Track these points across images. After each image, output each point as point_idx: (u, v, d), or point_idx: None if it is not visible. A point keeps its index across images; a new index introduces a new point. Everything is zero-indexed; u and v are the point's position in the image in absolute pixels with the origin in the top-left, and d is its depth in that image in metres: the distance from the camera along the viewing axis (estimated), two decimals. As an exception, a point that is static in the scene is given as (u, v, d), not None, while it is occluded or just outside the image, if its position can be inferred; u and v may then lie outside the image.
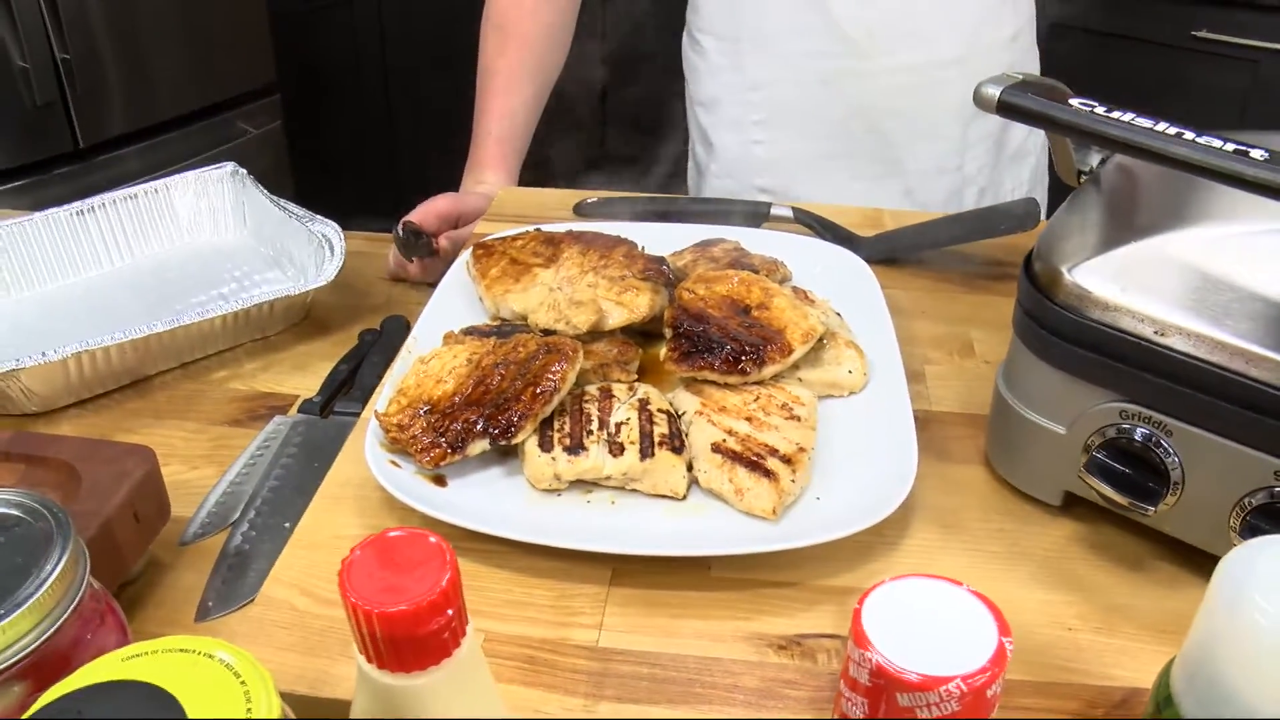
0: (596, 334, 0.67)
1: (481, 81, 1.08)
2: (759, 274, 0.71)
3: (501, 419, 0.58)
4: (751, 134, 1.11)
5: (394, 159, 2.88)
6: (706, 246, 0.78)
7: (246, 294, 0.85)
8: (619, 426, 0.59)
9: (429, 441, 0.58)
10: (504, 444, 0.58)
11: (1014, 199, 0.99)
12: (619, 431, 0.58)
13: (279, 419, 0.73)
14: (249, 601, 0.57)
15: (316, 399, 0.75)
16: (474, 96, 1.09)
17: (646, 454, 0.57)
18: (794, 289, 0.73)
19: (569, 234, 0.77)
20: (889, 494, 0.55)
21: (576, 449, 0.57)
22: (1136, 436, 0.52)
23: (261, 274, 0.91)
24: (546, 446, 0.58)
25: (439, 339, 0.68)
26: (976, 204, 1.11)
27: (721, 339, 0.63)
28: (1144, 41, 2.07)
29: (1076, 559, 0.56)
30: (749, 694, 0.48)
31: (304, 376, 0.79)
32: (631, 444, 0.57)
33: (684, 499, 0.57)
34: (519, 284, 0.72)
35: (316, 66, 2.60)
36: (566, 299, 0.68)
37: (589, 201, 0.93)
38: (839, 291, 0.74)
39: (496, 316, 0.73)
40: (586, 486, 0.58)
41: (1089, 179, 0.62)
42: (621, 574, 0.54)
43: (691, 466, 0.58)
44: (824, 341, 0.66)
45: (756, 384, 0.63)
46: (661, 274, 0.71)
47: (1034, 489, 0.59)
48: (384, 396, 0.63)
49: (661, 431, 0.58)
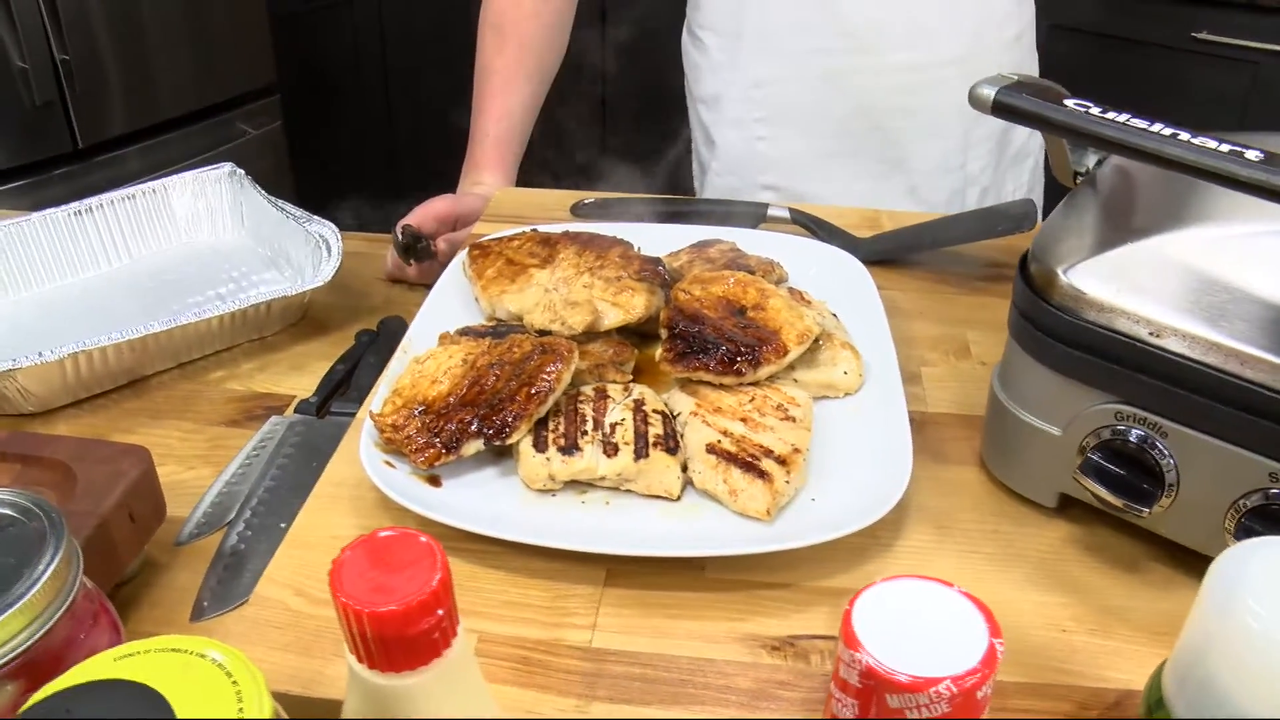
0: (592, 334, 0.67)
1: (479, 82, 1.08)
2: (755, 275, 0.71)
3: (496, 419, 0.58)
4: (754, 131, 1.11)
5: (394, 159, 2.88)
6: (703, 247, 0.78)
7: (244, 294, 0.85)
8: (614, 427, 0.59)
9: (424, 442, 0.58)
10: (498, 444, 0.58)
11: (1015, 200, 0.99)
12: (614, 432, 0.58)
13: (275, 419, 0.73)
14: (244, 602, 0.57)
15: (313, 399, 0.75)
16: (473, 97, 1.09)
17: (641, 454, 0.57)
18: (790, 290, 0.73)
19: (565, 235, 0.77)
20: (884, 495, 0.55)
21: (571, 449, 0.57)
22: (1131, 438, 0.52)
23: (259, 274, 0.91)
24: (541, 447, 0.58)
25: (434, 339, 0.68)
26: (979, 204, 1.11)
27: (717, 340, 0.63)
28: (1144, 43, 2.07)
29: (1071, 561, 0.56)
30: (742, 695, 0.48)
31: (301, 377, 0.79)
32: (626, 444, 0.57)
33: (678, 500, 0.57)
34: (515, 284, 0.72)
35: (316, 66, 2.60)
36: (562, 299, 0.68)
37: (586, 202, 0.93)
38: (835, 292, 0.74)
39: (492, 317, 0.73)
40: (581, 487, 0.58)
41: (1085, 180, 0.62)
42: (616, 575, 0.54)
43: (686, 467, 0.58)
44: (820, 343, 0.66)
45: (752, 385, 0.63)
46: (657, 275, 0.71)
47: (1029, 491, 0.59)
48: (379, 397, 0.63)
49: (656, 432, 0.58)
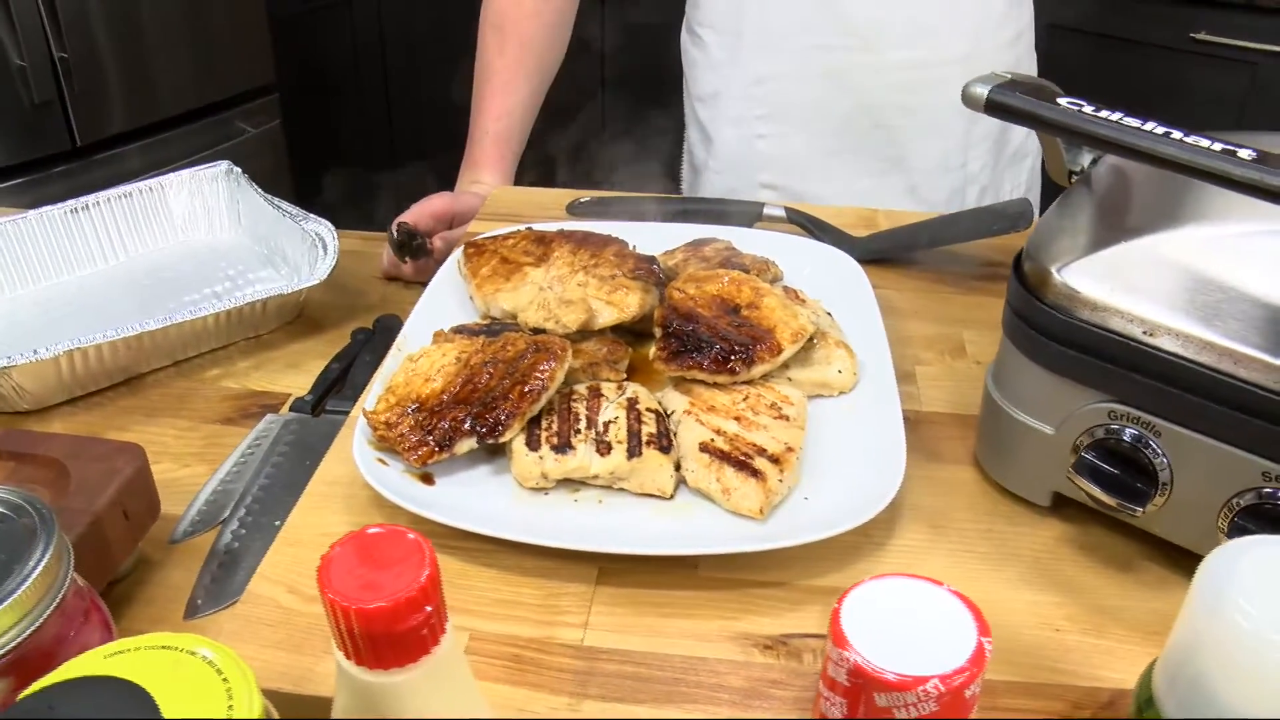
0: (586, 333, 0.67)
1: (479, 81, 1.08)
2: (750, 273, 0.71)
3: (489, 417, 0.58)
4: (755, 129, 1.11)
5: (393, 159, 2.88)
6: (698, 246, 0.78)
7: (240, 292, 0.85)
8: (607, 425, 0.59)
9: (417, 440, 0.58)
10: (491, 442, 0.58)
11: (1012, 199, 0.99)
12: (607, 430, 0.58)
13: (270, 417, 0.73)
14: (238, 599, 0.57)
15: (308, 398, 0.75)
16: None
17: (634, 453, 0.57)
18: (785, 289, 0.73)
19: (560, 233, 0.77)
20: (877, 494, 0.55)
21: (564, 448, 0.57)
22: (1125, 437, 0.52)
23: (255, 272, 0.91)
24: (534, 445, 0.58)
25: (429, 337, 0.68)
26: (978, 203, 1.11)
27: (711, 338, 0.63)
28: (1143, 44, 2.07)
29: (1065, 560, 0.56)
30: (734, 693, 0.48)
31: (297, 375, 0.79)
32: (619, 443, 0.57)
33: (671, 498, 0.57)
34: (509, 283, 0.72)
35: (316, 66, 2.60)
36: (556, 298, 0.68)
37: (582, 201, 0.93)
38: (830, 291, 0.74)
39: (487, 315, 0.73)
40: (574, 485, 0.58)
41: (1080, 179, 0.62)
42: (608, 573, 0.54)
43: (679, 466, 0.58)
44: (814, 341, 0.66)
45: (746, 383, 0.63)
46: (652, 273, 0.71)
47: (1023, 490, 0.59)
48: (373, 395, 0.63)
49: (649, 430, 0.58)
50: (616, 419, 0.59)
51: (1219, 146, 0.47)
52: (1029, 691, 0.48)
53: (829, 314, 0.71)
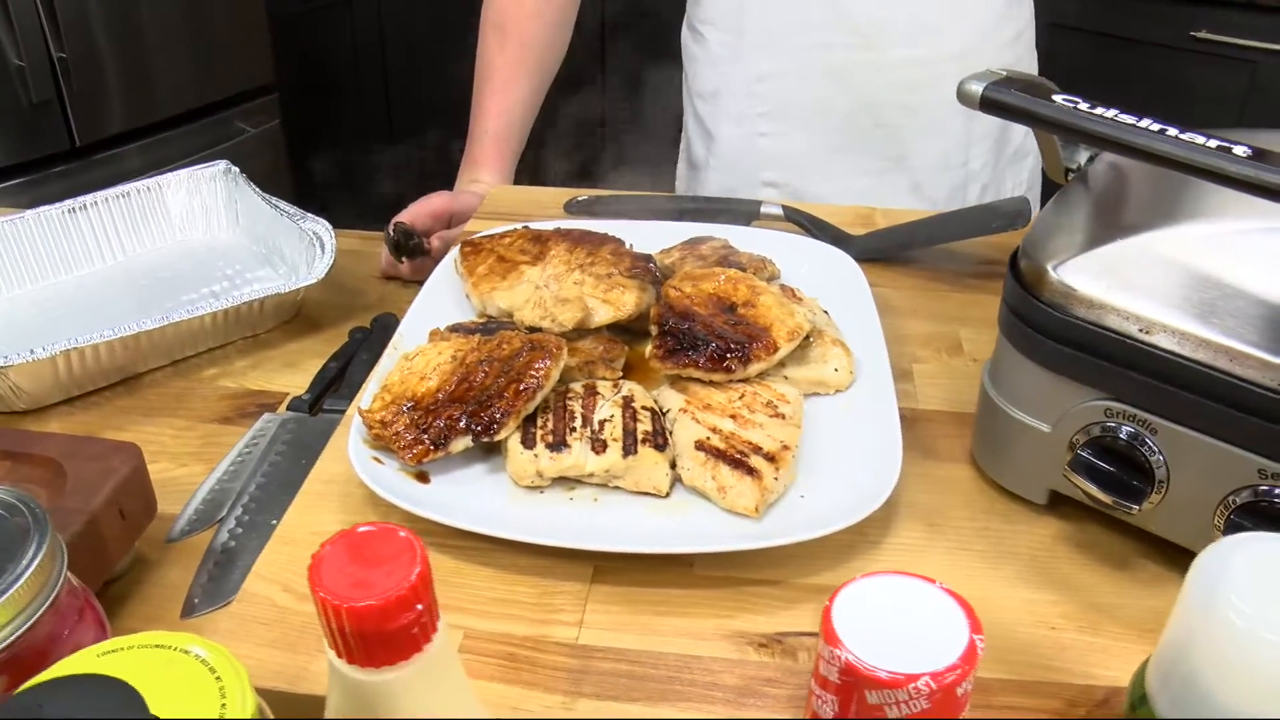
0: (582, 331, 0.67)
1: (479, 80, 1.08)
2: (746, 272, 0.71)
3: (484, 416, 0.58)
4: (756, 126, 1.11)
5: (392, 158, 2.88)
6: (695, 244, 0.78)
7: (238, 292, 0.85)
8: (602, 424, 0.59)
9: (412, 438, 0.57)
10: (487, 441, 0.58)
11: (1011, 197, 0.99)
12: (602, 429, 0.58)
13: (268, 416, 0.73)
14: (235, 598, 0.57)
15: (306, 397, 0.75)
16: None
17: (629, 451, 0.57)
18: (782, 287, 0.73)
19: (557, 231, 0.77)
20: (873, 492, 0.55)
21: (559, 446, 0.57)
22: (1121, 435, 0.51)
23: (253, 272, 0.91)
24: (529, 443, 0.57)
25: (425, 336, 0.68)
26: (979, 201, 1.11)
27: (707, 336, 0.63)
28: (1143, 42, 2.07)
29: (1061, 558, 0.56)
30: (729, 692, 0.48)
31: (294, 374, 0.79)
32: (614, 441, 0.57)
33: (667, 497, 0.57)
34: (506, 281, 0.72)
35: (315, 66, 2.60)
36: (553, 296, 0.68)
37: (579, 199, 0.93)
38: (827, 290, 0.74)
39: (483, 314, 0.73)
40: (569, 484, 0.58)
41: (1076, 177, 0.61)
42: (603, 571, 0.54)
43: (675, 464, 0.58)
44: (810, 339, 0.65)
45: (742, 382, 0.63)
46: (648, 271, 0.70)
47: (1019, 488, 0.59)
48: (369, 393, 0.63)
49: (645, 429, 0.58)
50: (612, 417, 0.59)
51: (1214, 143, 0.47)
52: (1024, 689, 0.48)
53: (826, 312, 0.71)
